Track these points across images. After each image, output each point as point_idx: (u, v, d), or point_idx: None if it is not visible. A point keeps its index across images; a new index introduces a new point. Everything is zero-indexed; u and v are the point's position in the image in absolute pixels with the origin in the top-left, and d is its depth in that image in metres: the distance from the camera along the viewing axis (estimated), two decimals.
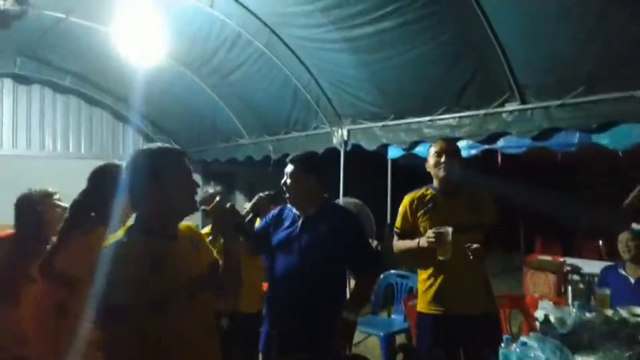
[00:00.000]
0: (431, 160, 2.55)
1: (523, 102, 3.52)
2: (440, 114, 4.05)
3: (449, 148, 2.53)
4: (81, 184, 1.92)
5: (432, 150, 2.57)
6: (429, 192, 2.59)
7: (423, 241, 2.35)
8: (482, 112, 3.77)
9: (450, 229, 2.25)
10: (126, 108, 6.93)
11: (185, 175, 1.54)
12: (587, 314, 2.50)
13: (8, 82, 6.34)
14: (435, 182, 2.57)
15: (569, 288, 2.85)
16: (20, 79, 6.31)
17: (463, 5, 3.14)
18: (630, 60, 2.90)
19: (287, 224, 2.27)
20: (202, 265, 1.61)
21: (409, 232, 2.54)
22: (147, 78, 4.81)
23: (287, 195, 2.28)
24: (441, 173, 2.49)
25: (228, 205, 1.67)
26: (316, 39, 4.15)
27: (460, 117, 3.94)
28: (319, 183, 2.28)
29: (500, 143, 3.97)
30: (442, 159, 2.48)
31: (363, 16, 3.59)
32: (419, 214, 2.52)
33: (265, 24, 4.32)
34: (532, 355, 1.81)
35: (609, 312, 2.65)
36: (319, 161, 2.41)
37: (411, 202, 2.58)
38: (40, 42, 5.38)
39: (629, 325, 2.12)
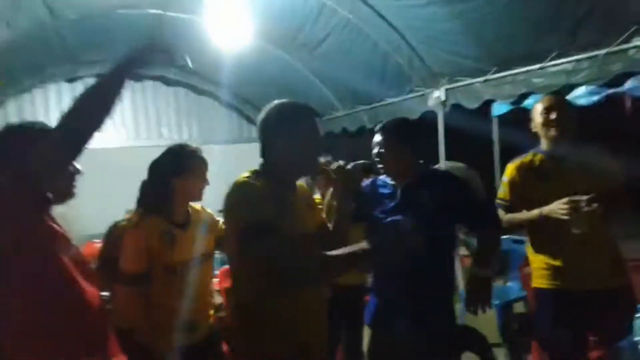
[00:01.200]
0: (538, 118, 2.29)
1: None
2: (551, 60, 3.59)
3: (559, 103, 2.26)
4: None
5: (539, 107, 2.30)
6: (537, 157, 2.33)
7: (551, 210, 2.10)
8: (602, 51, 3.25)
9: (585, 198, 2.00)
10: (225, 93, 7.29)
11: (314, 132, 1.61)
12: None
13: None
14: (544, 145, 2.31)
15: None
16: (135, 77, 6.95)
17: None
18: None
19: (384, 195, 2.17)
20: (314, 223, 1.71)
21: (518, 205, 2.31)
22: (239, 61, 4.97)
23: (381, 166, 2.17)
24: (552, 133, 2.23)
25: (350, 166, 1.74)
26: None
27: (576, 61, 3.45)
28: (413, 151, 2.14)
29: (629, 84, 3.43)
30: (552, 116, 2.21)
31: None
32: (528, 184, 2.28)
33: None
34: None
35: None
36: (412, 127, 2.26)
37: (518, 171, 2.33)
38: (146, 39, 5.80)
39: None
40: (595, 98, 3.63)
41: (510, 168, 2.40)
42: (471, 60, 4.22)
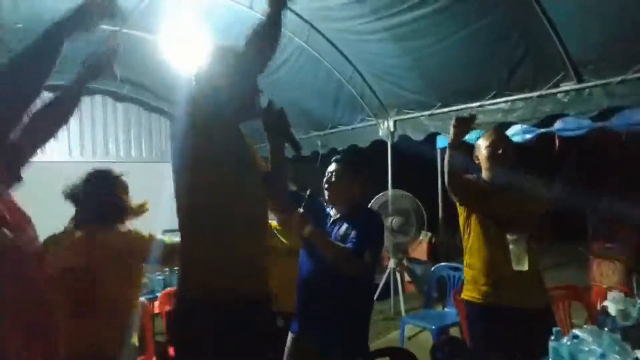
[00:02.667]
0: (482, 151, 2.46)
1: (579, 80, 3.29)
2: (490, 99, 3.88)
3: (501, 139, 2.44)
4: (143, 186, 2.04)
5: (482, 142, 2.48)
6: (478, 180, 2.50)
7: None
8: (535, 94, 3.57)
9: (525, 235, 2.18)
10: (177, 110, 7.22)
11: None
12: None
13: None
14: (485, 175, 2.48)
15: (633, 278, 2.62)
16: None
17: None
18: None
19: (320, 218, 2.25)
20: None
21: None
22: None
23: (328, 194, 2.27)
24: (493, 166, 2.40)
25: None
26: (356, 30, 4.10)
27: (512, 101, 3.75)
28: (362, 186, 2.27)
29: (557, 125, 3.75)
30: (495, 151, 2.39)
31: (401, 3, 3.50)
32: (468, 195, 2.43)
33: (304, 19, 4.33)
34: (587, 349, 1.69)
35: None
36: (363, 164, 2.36)
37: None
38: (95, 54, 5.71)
39: None
40: (529, 136, 3.94)
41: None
42: (418, 95, 4.47)
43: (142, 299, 3.03)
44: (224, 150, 1.60)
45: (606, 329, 1.84)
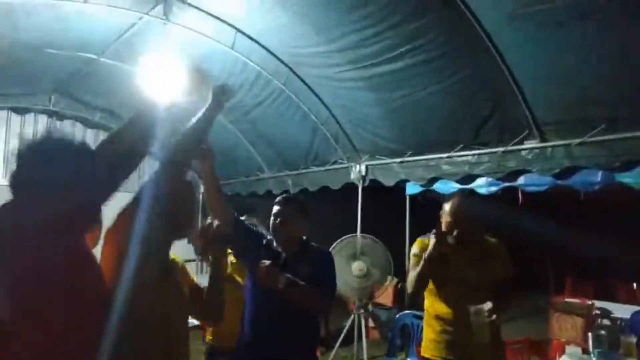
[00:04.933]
0: (445, 216, 2.50)
1: (543, 139, 3.46)
2: (458, 151, 4.02)
3: (461, 210, 2.48)
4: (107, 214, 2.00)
5: (446, 208, 2.52)
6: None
7: (429, 252, 2.36)
8: (500, 149, 3.72)
9: (485, 310, 2.23)
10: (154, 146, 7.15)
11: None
12: None
13: (43, 118, 6.64)
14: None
15: (589, 335, 2.69)
16: (55, 115, 6.63)
17: (478, 45, 3.16)
18: None
19: (268, 255, 2.25)
20: None
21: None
22: (172, 116, 4.98)
23: (276, 232, 2.31)
24: (453, 233, 2.46)
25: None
26: (334, 77, 4.23)
27: (478, 154, 3.90)
28: (305, 226, 2.35)
29: (521, 180, 3.90)
30: (454, 219, 2.45)
31: (379, 56, 3.66)
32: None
33: (284, 63, 4.45)
34: None
35: None
36: (307, 205, 2.43)
37: (423, 249, 2.52)
38: (73, 80, 5.66)
39: None
40: (494, 189, 4.07)
41: (419, 242, 2.59)
42: (390, 142, 4.60)
43: None
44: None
45: None
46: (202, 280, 2.02)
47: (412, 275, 2.49)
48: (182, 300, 1.74)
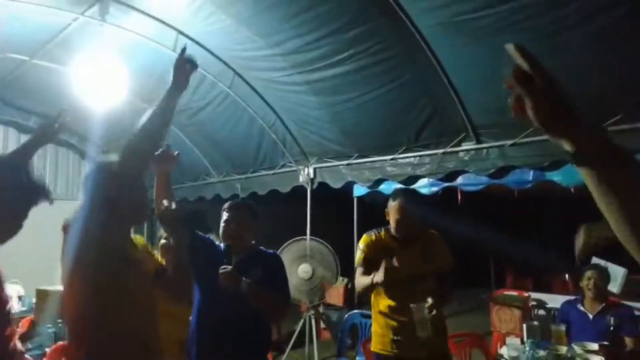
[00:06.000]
0: (390, 213, 2.63)
1: (478, 141, 3.63)
2: (401, 153, 4.14)
3: (405, 208, 2.59)
4: (47, 225, 1.93)
5: (392, 204, 2.63)
6: (385, 237, 2.64)
7: (378, 277, 2.40)
8: (440, 151, 3.87)
9: (426, 307, 2.32)
10: (92, 148, 6.86)
11: None
12: (541, 352, 2.53)
13: None
14: (393, 230, 2.62)
15: (524, 326, 2.87)
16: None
17: (418, 52, 3.27)
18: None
19: (216, 259, 2.23)
20: None
21: (368, 270, 2.57)
22: (111, 118, 4.79)
23: (226, 238, 2.32)
24: (398, 229, 2.57)
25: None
26: (279, 81, 4.24)
27: (420, 156, 4.04)
28: (255, 231, 2.38)
29: (460, 180, 4.08)
30: (399, 217, 2.56)
31: (321, 61, 3.71)
32: (375, 256, 2.56)
33: (229, 66, 4.41)
34: None
35: (564, 349, 2.68)
36: (255, 209, 2.45)
37: (368, 244, 2.63)
38: (3, 83, 5.34)
39: None
40: (435, 189, 4.24)
41: (363, 240, 2.69)
42: (337, 145, 4.66)
43: (27, 356, 2.73)
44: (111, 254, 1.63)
45: None
46: None
47: (360, 282, 2.58)
48: (147, 281, 1.75)
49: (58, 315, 3.26)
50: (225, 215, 2.34)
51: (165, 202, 1.97)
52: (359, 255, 2.66)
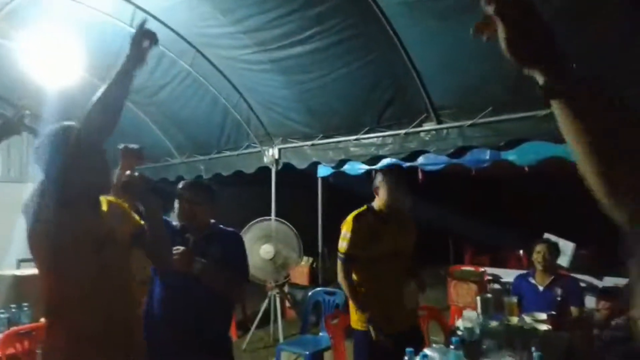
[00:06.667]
0: (381, 188, 2.63)
1: (439, 122, 3.72)
2: (364, 133, 4.19)
3: (397, 178, 2.63)
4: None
5: (380, 177, 2.66)
6: (368, 215, 2.66)
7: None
8: (402, 131, 3.94)
9: (414, 283, 2.47)
10: (45, 128, 6.56)
11: None
12: (493, 322, 2.67)
13: None
14: (376, 205, 2.67)
15: (477, 298, 3.00)
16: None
17: (381, 33, 3.29)
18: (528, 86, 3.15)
19: (176, 241, 2.20)
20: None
21: (355, 256, 2.59)
22: (65, 96, 4.59)
23: (182, 218, 2.31)
24: (391, 204, 2.60)
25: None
26: (242, 59, 4.18)
27: (383, 137, 4.10)
28: (209, 210, 2.36)
29: (420, 160, 4.17)
30: (394, 191, 2.59)
31: (285, 38, 3.67)
32: (362, 236, 2.59)
33: (190, 43, 4.30)
34: None
35: (515, 320, 2.84)
36: (208, 190, 2.43)
37: (356, 221, 2.62)
38: None
39: (524, 331, 2.26)
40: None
41: (349, 219, 2.64)
42: (302, 126, 4.66)
43: None
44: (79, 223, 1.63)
45: (452, 346, 2.07)
46: None
47: (344, 282, 2.61)
48: (124, 248, 1.76)
49: (12, 299, 3.16)
50: (179, 195, 2.32)
51: (129, 173, 1.91)
52: (344, 245, 2.60)
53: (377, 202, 2.66)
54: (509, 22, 0.66)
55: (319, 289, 4.20)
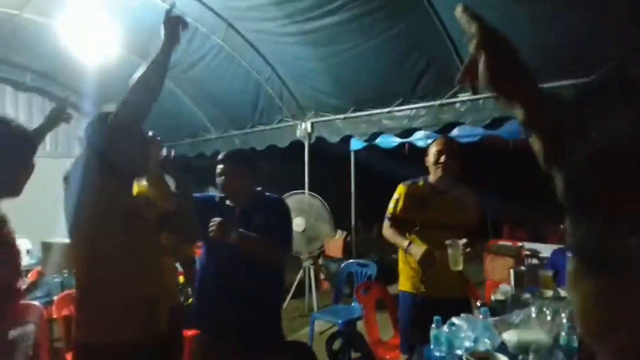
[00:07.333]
0: (431, 158, 2.65)
1: (474, 92, 3.59)
2: (397, 105, 4.12)
3: (449, 148, 2.63)
4: (48, 185, 1.98)
5: (433, 148, 2.67)
6: (422, 185, 2.70)
7: (413, 254, 2.51)
8: (437, 102, 3.84)
9: (460, 243, 2.39)
10: (89, 104, 6.82)
11: None
12: (525, 295, 2.63)
13: None
14: (431, 177, 2.69)
15: (511, 272, 2.96)
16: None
17: (414, 0, 3.19)
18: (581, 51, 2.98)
19: (221, 213, 2.23)
20: None
21: (400, 219, 2.67)
22: (105, 72, 4.74)
23: (225, 189, 2.32)
24: (439, 173, 2.61)
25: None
26: (273, 32, 4.16)
27: (416, 108, 4.01)
28: (252, 179, 2.36)
29: (455, 132, 4.07)
30: (442, 159, 2.59)
31: (316, 9, 3.62)
32: (409, 205, 2.66)
33: (221, 17, 4.31)
34: (462, 335, 1.90)
35: (549, 293, 2.78)
36: (250, 159, 2.45)
37: (406, 191, 2.69)
38: None
39: (555, 302, 2.22)
40: (430, 141, 4.23)
41: (401, 188, 2.73)
42: (333, 99, 4.63)
43: (36, 302, 2.86)
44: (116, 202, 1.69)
45: (480, 316, 2.06)
46: None
47: (388, 234, 2.70)
48: (151, 229, 1.81)
49: (63, 265, 3.38)
50: (219, 168, 2.33)
51: (165, 151, 2.03)
52: (390, 206, 2.71)
53: (431, 175, 2.68)
54: (491, 56, 0.70)
55: (351, 261, 4.25)
